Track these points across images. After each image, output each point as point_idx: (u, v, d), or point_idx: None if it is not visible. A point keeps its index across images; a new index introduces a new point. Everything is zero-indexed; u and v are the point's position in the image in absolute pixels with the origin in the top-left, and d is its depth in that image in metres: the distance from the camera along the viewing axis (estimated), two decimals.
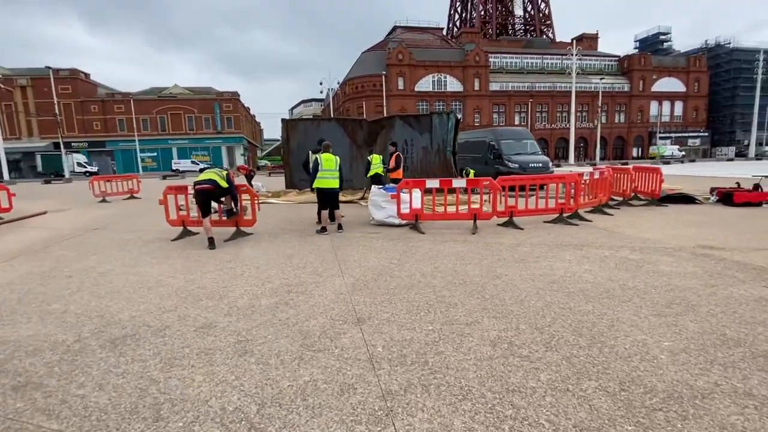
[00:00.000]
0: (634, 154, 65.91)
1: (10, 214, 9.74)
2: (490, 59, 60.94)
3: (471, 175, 12.43)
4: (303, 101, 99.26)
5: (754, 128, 48.46)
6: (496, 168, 13.80)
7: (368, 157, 9.06)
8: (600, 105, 52.85)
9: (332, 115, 42.19)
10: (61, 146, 34.08)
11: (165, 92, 51.70)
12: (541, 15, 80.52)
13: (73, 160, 41.30)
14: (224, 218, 6.37)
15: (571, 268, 4.39)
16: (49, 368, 2.52)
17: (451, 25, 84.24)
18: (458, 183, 6.54)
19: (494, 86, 61.40)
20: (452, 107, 58.52)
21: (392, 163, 8.78)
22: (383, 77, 52.26)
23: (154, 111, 49.92)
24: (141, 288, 4.08)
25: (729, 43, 69.07)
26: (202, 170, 6.38)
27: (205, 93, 52.52)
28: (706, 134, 68.03)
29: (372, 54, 61.14)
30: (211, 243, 5.74)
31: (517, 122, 60.85)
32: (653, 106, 66.52)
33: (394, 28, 68.92)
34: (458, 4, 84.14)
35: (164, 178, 30.49)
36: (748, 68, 64.37)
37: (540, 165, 13.04)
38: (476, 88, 59.98)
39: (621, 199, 9.00)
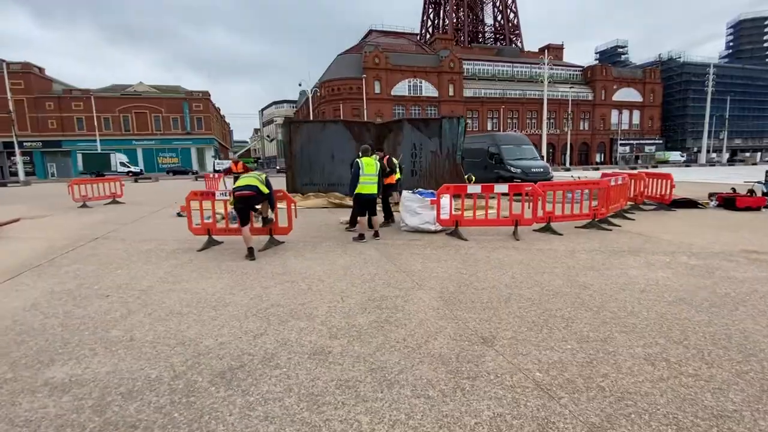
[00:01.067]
0: (598, 159, 69.49)
1: None
2: (463, 66, 62.27)
3: (472, 181, 12.44)
4: (274, 102, 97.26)
5: (705, 137, 52.43)
6: (497, 173, 13.94)
7: (395, 160, 8.61)
8: (569, 113, 55.32)
9: (310, 117, 41.43)
10: (15, 145, 31.16)
11: (129, 90, 48.80)
12: (510, 25, 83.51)
13: (116, 159, 40.12)
14: (258, 225, 5.88)
15: (646, 275, 4.35)
16: (166, 415, 2.08)
17: (424, 31, 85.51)
18: (500, 188, 6.42)
19: (467, 92, 62.77)
20: (428, 112, 59.30)
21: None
22: (362, 81, 52.01)
23: (117, 110, 46.96)
24: (204, 307, 3.61)
25: (680, 58, 74.65)
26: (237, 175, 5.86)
27: (174, 92, 50.04)
28: (661, 141, 72.89)
29: (348, 57, 60.76)
30: (251, 253, 5.27)
31: (489, 128, 62.49)
32: (614, 115, 70.50)
33: (370, 32, 68.96)
34: (431, 10, 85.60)
35: (136, 180, 28.61)
36: (697, 81, 69.96)
37: (541, 170, 13.28)
38: (451, 93, 61.07)
39: (632, 203, 9.26)
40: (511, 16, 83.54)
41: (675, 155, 60.03)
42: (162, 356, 2.72)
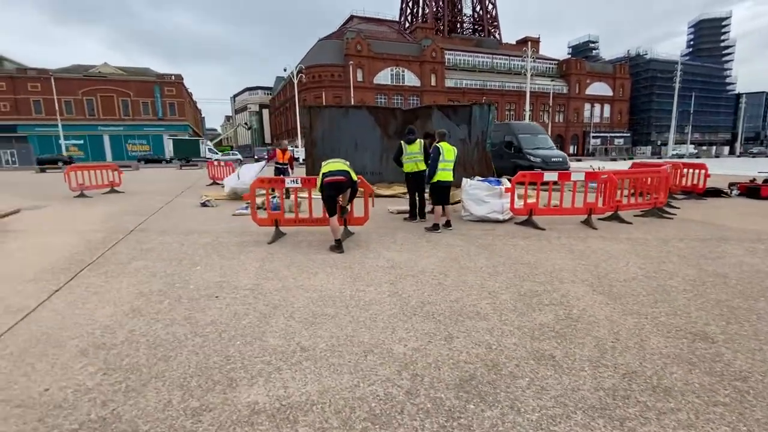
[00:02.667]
0: (571, 150, 71.83)
1: None
2: (444, 56, 62.14)
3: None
4: (248, 89, 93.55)
5: (672, 131, 55.30)
6: (514, 162, 13.85)
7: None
8: (549, 105, 56.66)
9: (296, 104, 39.92)
10: None
11: (93, 71, 45.17)
12: (489, 16, 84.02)
13: (204, 146, 41.52)
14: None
15: (765, 262, 4.30)
16: None
17: (402, 19, 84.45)
18: (577, 176, 6.25)
19: (449, 83, 62.87)
20: (410, 102, 58.87)
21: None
22: (347, 68, 50.82)
23: (80, 92, 43.37)
24: (348, 307, 3.18)
25: (646, 54, 78.05)
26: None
27: (143, 74, 46.81)
28: (629, 135, 76.39)
29: (329, 43, 59.19)
30: (339, 246, 4.82)
31: None
32: (587, 108, 72.98)
33: (351, 18, 67.32)
34: None
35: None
36: (662, 77, 73.50)
37: (560, 159, 13.33)
38: (433, 83, 60.94)
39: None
40: (490, 7, 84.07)
41: (689, 147, 62.38)
42: (364, 368, 2.30)
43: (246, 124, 69.48)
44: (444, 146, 5.88)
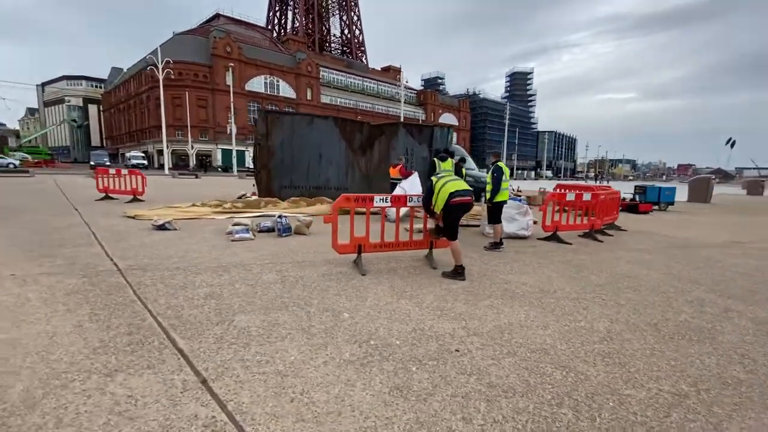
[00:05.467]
0: None
1: None
2: (320, 71, 62.61)
3: None
4: (66, 77, 74.28)
5: (504, 158, 68.58)
6: None
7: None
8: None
9: (163, 100, 33.41)
10: None
11: None
12: (356, 41, 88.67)
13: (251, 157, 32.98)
14: (433, 237, 4.85)
15: (743, 261, 5.83)
16: None
17: (270, 28, 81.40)
18: (587, 196, 7.21)
19: (324, 99, 63.47)
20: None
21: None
22: (214, 69, 45.85)
23: None
24: (603, 341, 2.94)
25: (480, 94, 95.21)
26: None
27: None
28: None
29: (190, 38, 52.45)
30: (462, 272, 4.35)
31: None
32: None
33: (217, 16, 61.12)
34: (278, 8, 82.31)
35: None
36: (492, 113, 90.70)
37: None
38: (309, 97, 60.51)
39: None
40: (357, 32, 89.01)
41: (548, 173, 78.63)
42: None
43: (75, 120, 54.86)
44: (503, 166, 6.00)
